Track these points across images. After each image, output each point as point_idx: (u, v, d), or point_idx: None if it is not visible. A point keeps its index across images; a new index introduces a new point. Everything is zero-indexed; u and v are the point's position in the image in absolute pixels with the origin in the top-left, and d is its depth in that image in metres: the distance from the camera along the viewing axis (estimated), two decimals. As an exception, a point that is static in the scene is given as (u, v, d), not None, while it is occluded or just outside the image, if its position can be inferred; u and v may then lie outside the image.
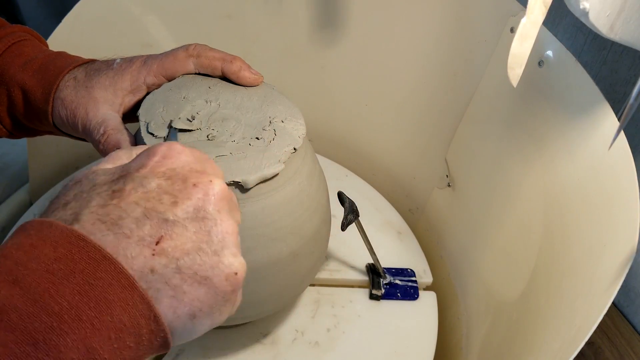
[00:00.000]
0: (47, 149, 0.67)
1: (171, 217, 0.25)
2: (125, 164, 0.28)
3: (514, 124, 0.55)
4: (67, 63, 0.44)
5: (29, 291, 0.22)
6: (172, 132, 0.40)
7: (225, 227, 0.27)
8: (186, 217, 0.26)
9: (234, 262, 0.26)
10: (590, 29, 0.37)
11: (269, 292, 0.45)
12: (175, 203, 0.26)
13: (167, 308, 0.25)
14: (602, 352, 0.57)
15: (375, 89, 0.73)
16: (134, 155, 0.29)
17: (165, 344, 0.25)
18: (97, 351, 0.22)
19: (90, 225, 0.24)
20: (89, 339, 0.22)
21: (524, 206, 0.53)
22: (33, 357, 0.21)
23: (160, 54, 0.45)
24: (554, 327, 0.43)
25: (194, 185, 0.26)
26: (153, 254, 0.24)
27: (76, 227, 0.24)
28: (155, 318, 0.24)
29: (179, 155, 0.28)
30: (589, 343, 0.53)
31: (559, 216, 0.48)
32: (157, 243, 0.25)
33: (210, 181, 0.27)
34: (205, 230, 0.26)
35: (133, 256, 0.24)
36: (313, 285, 0.58)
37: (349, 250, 0.61)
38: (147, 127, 0.41)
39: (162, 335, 0.25)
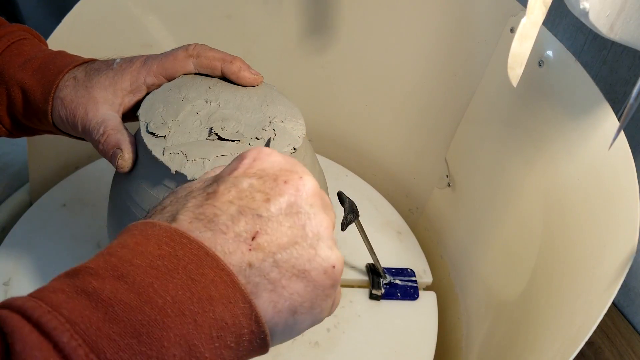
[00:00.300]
0: (47, 149, 0.67)
1: (265, 213, 0.26)
2: (219, 172, 0.29)
3: (514, 124, 0.55)
4: (67, 62, 0.44)
5: (134, 286, 0.22)
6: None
7: (320, 221, 0.27)
8: (280, 213, 0.26)
9: (330, 255, 0.27)
10: (590, 29, 0.37)
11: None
12: (268, 200, 0.26)
13: (267, 302, 0.25)
14: (602, 352, 0.57)
15: (375, 89, 0.73)
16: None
17: (264, 346, 0.25)
18: (198, 348, 0.23)
19: (188, 224, 0.25)
20: (191, 335, 0.22)
21: (524, 206, 0.53)
22: (136, 350, 0.21)
23: (160, 54, 0.45)
24: (554, 327, 0.43)
25: (285, 182, 0.27)
26: (250, 249, 0.25)
27: (174, 225, 0.25)
28: (256, 318, 0.24)
29: (268, 157, 0.28)
30: (589, 343, 0.53)
31: (559, 216, 0.48)
32: (253, 238, 0.25)
33: (301, 177, 0.27)
34: (300, 224, 0.26)
35: (230, 252, 0.25)
36: (313, 285, 0.58)
37: (349, 250, 0.61)
38: (147, 127, 0.41)
39: (262, 336, 0.25)
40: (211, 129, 0.41)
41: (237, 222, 0.25)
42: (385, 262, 0.59)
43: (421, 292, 0.59)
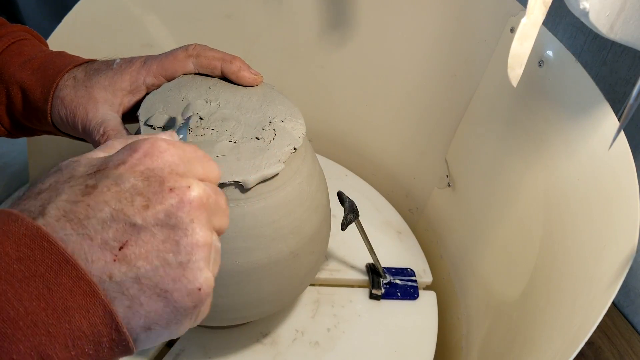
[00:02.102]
0: (47, 148, 0.67)
1: (139, 222, 0.24)
2: (107, 157, 0.26)
3: (514, 124, 0.55)
4: (66, 62, 0.44)
5: None
6: (183, 126, 0.38)
7: (197, 239, 0.25)
8: (156, 224, 0.24)
9: (199, 277, 0.25)
10: (590, 29, 0.37)
11: (269, 292, 0.44)
12: (146, 207, 0.24)
13: (121, 318, 0.24)
14: (602, 352, 0.57)
15: (375, 89, 0.73)
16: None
17: (127, 350, 0.24)
18: (51, 358, 0.22)
19: (55, 222, 0.23)
20: (43, 346, 0.21)
21: (524, 206, 0.53)
22: None
23: (160, 54, 0.45)
24: (554, 327, 0.43)
25: (170, 189, 0.25)
26: (114, 260, 0.23)
27: (40, 222, 0.23)
28: (117, 327, 0.23)
29: (162, 154, 0.26)
30: (589, 343, 0.53)
31: (559, 216, 0.48)
32: (120, 248, 0.23)
33: (189, 187, 0.25)
34: (174, 239, 0.24)
35: (93, 260, 0.23)
36: (313, 285, 0.58)
37: (349, 250, 0.61)
38: (146, 121, 0.41)
39: (123, 343, 0.24)
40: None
41: (108, 229, 0.23)
42: (385, 261, 0.59)
43: (421, 292, 0.59)
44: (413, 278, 0.60)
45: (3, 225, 0.23)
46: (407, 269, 0.61)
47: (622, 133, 0.38)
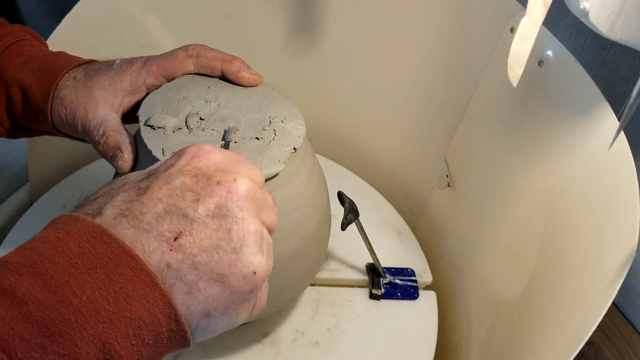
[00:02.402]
0: (47, 149, 0.67)
1: (191, 214, 0.25)
2: (156, 164, 0.28)
3: (514, 124, 0.55)
4: (66, 63, 0.44)
5: (50, 284, 0.22)
6: (226, 145, 0.40)
7: (247, 226, 0.26)
8: (207, 215, 0.26)
9: (253, 261, 0.26)
10: (590, 29, 0.37)
11: (269, 292, 0.44)
12: (197, 200, 0.26)
13: (181, 305, 0.25)
14: (602, 352, 0.57)
15: (375, 89, 0.73)
16: None
17: (185, 342, 0.25)
18: (113, 346, 0.23)
19: (112, 219, 0.25)
20: (105, 334, 0.22)
21: (524, 206, 0.53)
22: (48, 349, 0.21)
23: (160, 54, 0.45)
24: (554, 327, 0.43)
25: (218, 183, 0.26)
26: (170, 249, 0.25)
27: (98, 220, 0.24)
28: (176, 317, 0.24)
29: (208, 155, 0.28)
30: (589, 343, 0.53)
31: (559, 216, 0.48)
32: (175, 239, 0.25)
33: (235, 180, 0.27)
34: (226, 227, 0.26)
35: (150, 250, 0.24)
36: (313, 285, 0.58)
37: (349, 250, 0.61)
38: (146, 121, 0.41)
39: (182, 334, 0.25)
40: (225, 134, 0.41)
41: (162, 222, 0.25)
42: (385, 261, 0.59)
43: (421, 292, 0.59)
44: (413, 278, 0.60)
45: (65, 226, 0.24)
46: (407, 269, 0.61)
47: (622, 133, 0.38)
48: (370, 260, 0.58)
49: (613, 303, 0.52)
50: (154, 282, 0.24)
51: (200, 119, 0.42)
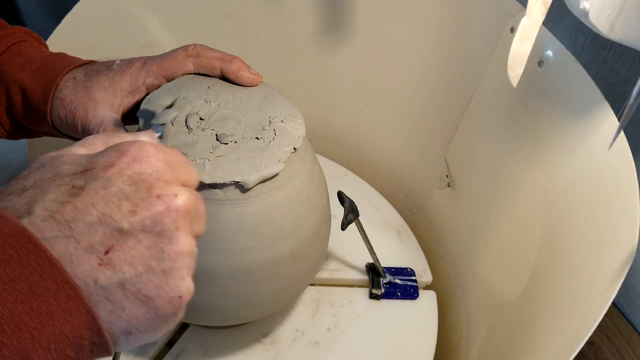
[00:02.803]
0: (47, 149, 0.67)
1: (126, 227, 0.24)
2: (93, 157, 0.26)
3: (514, 124, 0.55)
4: (66, 64, 0.44)
5: None
6: (161, 126, 0.38)
7: (181, 247, 0.25)
8: (142, 230, 0.24)
9: (180, 285, 0.25)
10: (590, 29, 0.37)
11: (269, 292, 0.45)
12: (134, 212, 0.24)
13: (104, 323, 0.24)
14: (602, 352, 0.57)
15: (376, 89, 0.73)
16: (109, 144, 0.27)
17: (106, 352, 0.25)
18: None
19: (42, 222, 0.23)
20: (26, 350, 0.21)
21: (524, 206, 0.53)
22: None
23: (160, 55, 0.45)
24: (554, 327, 0.43)
25: (158, 196, 0.25)
26: (99, 264, 0.23)
27: (26, 221, 0.23)
28: (99, 331, 0.23)
29: (150, 160, 0.26)
30: (589, 343, 0.53)
31: (559, 216, 0.48)
32: (106, 252, 0.24)
33: (176, 195, 0.25)
34: (159, 246, 0.25)
35: (79, 263, 0.23)
36: (313, 284, 0.58)
37: (348, 249, 0.61)
38: (146, 121, 0.41)
39: (104, 346, 0.24)
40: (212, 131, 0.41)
41: (94, 232, 0.23)
42: (385, 261, 0.59)
43: (421, 291, 0.59)
44: (413, 278, 0.60)
45: None
46: (407, 268, 0.61)
47: (622, 133, 0.38)
48: (370, 260, 0.58)
49: (613, 303, 0.52)
50: (79, 297, 0.23)
51: (200, 119, 0.42)
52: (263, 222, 0.41)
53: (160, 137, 0.31)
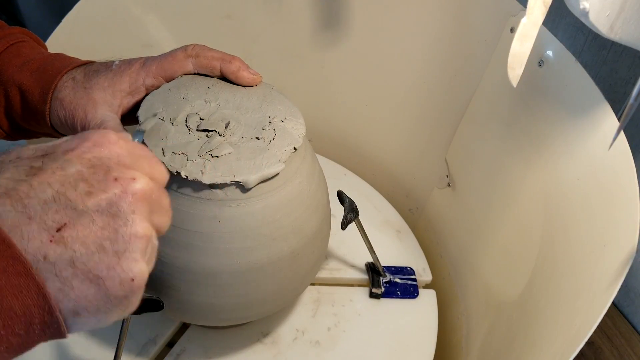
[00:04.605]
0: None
1: (80, 207, 0.24)
2: (57, 142, 0.26)
3: (514, 124, 0.55)
4: (65, 64, 0.44)
5: None
6: (139, 133, 0.39)
7: (136, 230, 0.25)
8: (96, 210, 0.24)
9: (133, 267, 0.25)
10: (590, 29, 0.37)
11: (269, 292, 0.45)
12: (89, 193, 0.24)
13: (51, 300, 0.24)
14: (602, 352, 0.57)
15: (375, 89, 0.73)
16: None
17: (59, 333, 0.24)
18: None
19: None
20: None
21: (524, 206, 0.53)
22: None
23: (159, 55, 0.45)
24: (554, 327, 0.43)
25: (115, 179, 0.25)
26: (50, 241, 0.23)
27: None
28: (50, 309, 0.23)
29: (111, 145, 0.26)
30: (589, 343, 0.53)
31: (559, 216, 0.48)
32: (58, 230, 0.23)
33: (134, 178, 0.26)
34: (113, 228, 0.25)
35: (29, 238, 0.23)
36: (313, 284, 0.59)
37: (348, 249, 0.61)
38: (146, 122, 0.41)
39: (55, 326, 0.24)
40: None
41: (48, 209, 0.23)
42: (385, 260, 0.59)
43: (421, 290, 0.59)
44: (413, 277, 0.60)
45: None
46: (406, 267, 0.61)
47: (622, 133, 0.38)
48: (370, 259, 0.58)
49: (613, 303, 0.52)
50: (29, 273, 0.23)
51: (200, 119, 0.42)
52: (263, 222, 0.41)
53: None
